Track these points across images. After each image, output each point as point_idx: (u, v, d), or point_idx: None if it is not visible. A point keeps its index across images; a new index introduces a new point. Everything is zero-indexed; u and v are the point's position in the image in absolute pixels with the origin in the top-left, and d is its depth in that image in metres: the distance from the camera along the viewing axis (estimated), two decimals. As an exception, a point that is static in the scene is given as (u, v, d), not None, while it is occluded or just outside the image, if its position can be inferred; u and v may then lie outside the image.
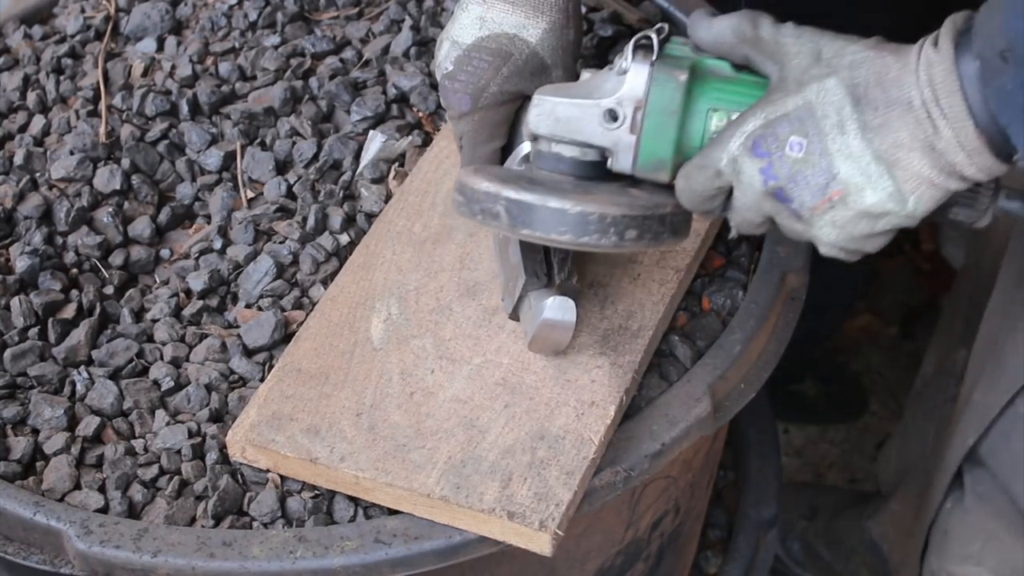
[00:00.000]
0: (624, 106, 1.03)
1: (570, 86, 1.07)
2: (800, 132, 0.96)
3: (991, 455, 1.33)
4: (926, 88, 0.92)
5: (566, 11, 1.17)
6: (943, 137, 0.92)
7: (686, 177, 1.02)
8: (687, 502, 1.38)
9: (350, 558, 1.04)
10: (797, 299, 1.27)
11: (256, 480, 1.10)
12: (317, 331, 1.16)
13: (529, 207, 1.01)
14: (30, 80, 1.44)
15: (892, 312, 2.41)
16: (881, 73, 0.94)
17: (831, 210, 0.97)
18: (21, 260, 1.24)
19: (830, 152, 0.96)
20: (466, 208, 1.05)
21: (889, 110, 0.94)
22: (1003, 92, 0.89)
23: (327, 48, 1.44)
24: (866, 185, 0.95)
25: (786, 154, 0.97)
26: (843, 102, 0.95)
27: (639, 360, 1.14)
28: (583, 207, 1.00)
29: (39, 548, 1.09)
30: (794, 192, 0.98)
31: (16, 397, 1.17)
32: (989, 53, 0.89)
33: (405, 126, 1.36)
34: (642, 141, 1.04)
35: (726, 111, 1.02)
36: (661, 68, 1.02)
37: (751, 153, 0.98)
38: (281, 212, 1.29)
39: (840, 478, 2.21)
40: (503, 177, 1.04)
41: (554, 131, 1.06)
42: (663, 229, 1.04)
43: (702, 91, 1.03)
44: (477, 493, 1.04)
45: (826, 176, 0.96)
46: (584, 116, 1.04)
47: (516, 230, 1.02)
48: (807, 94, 0.96)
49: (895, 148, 0.94)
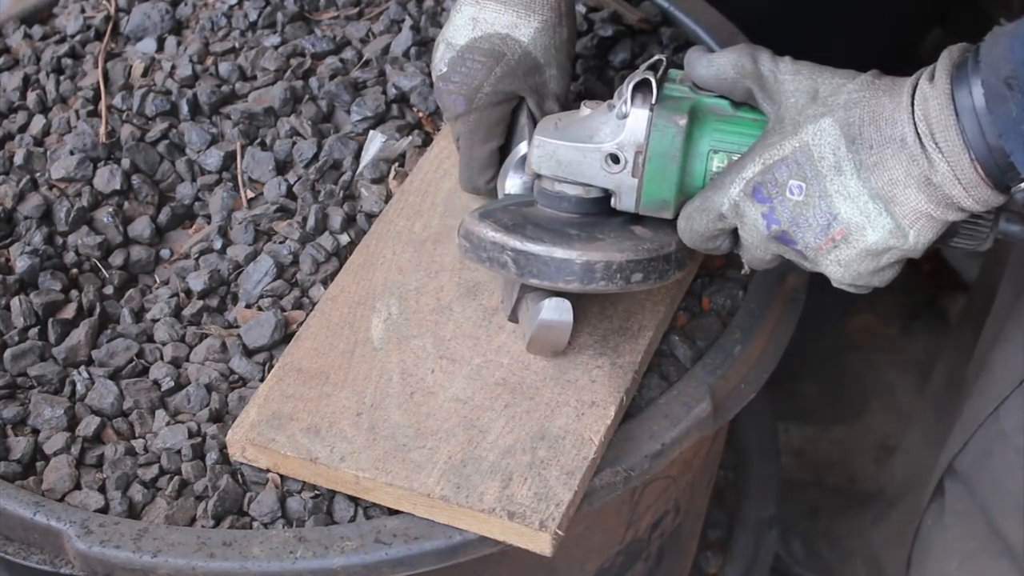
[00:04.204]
0: (625, 151, 1.04)
1: (570, 124, 1.08)
2: (799, 175, 0.97)
3: (972, 473, 1.32)
4: (921, 123, 0.93)
5: (558, 9, 1.17)
6: (939, 171, 0.93)
7: (687, 219, 1.04)
8: (687, 502, 1.38)
9: (350, 558, 1.04)
10: (797, 299, 1.27)
11: (256, 480, 1.10)
12: (317, 331, 1.16)
13: (536, 258, 1.04)
14: (30, 80, 1.44)
15: (892, 312, 2.41)
16: (876, 112, 0.95)
17: (835, 249, 0.98)
18: (21, 260, 1.24)
19: (829, 193, 0.96)
20: (473, 255, 1.07)
21: (883, 148, 0.94)
22: (1008, 118, 0.89)
23: (327, 48, 1.44)
24: (866, 224, 0.96)
25: (787, 198, 0.98)
26: (838, 142, 0.95)
27: (639, 360, 1.14)
28: (589, 256, 1.03)
29: (39, 548, 1.09)
30: (797, 235, 0.99)
31: (16, 397, 1.17)
32: (994, 80, 0.89)
33: (405, 126, 1.36)
34: (644, 184, 1.05)
35: (727, 152, 1.03)
36: (661, 113, 1.03)
37: (752, 199, 0.99)
38: (281, 212, 1.29)
39: (840, 478, 2.21)
40: (508, 225, 1.06)
41: (556, 172, 1.07)
42: (668, 267, 1.07)
43: (702, 132, 1.04)
44: (477, 493, 1.04)
45: (827, 217, 0.97)
46: (585, 160, 1.06)
47: (524, 279, 1.05)
48: (803, 135, 0.97)
49: (891, 185, 0.94)
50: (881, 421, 2.28)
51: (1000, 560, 1.30)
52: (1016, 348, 1.27)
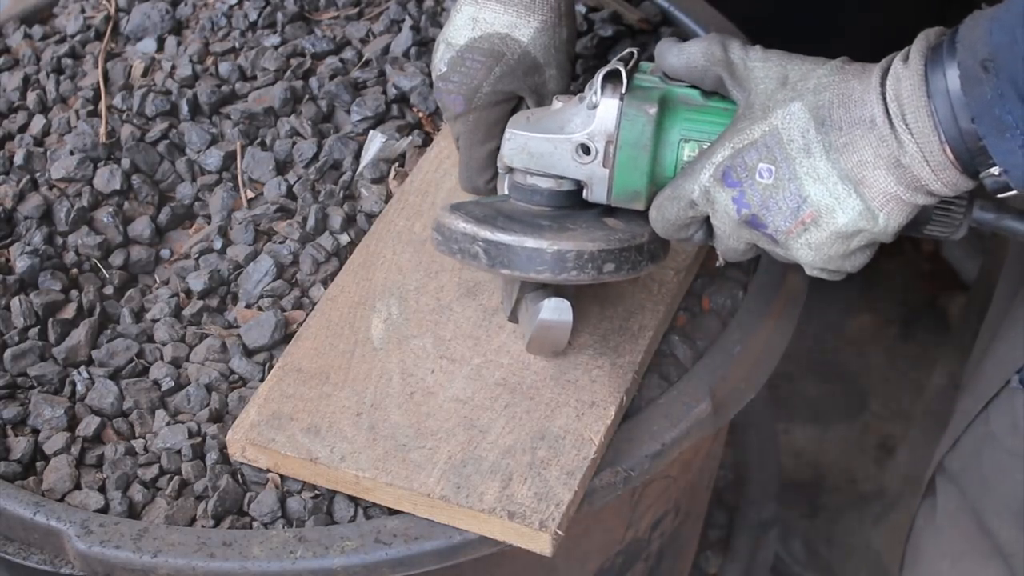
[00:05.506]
0: (596, 141, 1.04)
1: (542, 117, 1.08)
2: (768, 159, 0.97)
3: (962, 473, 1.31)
4: (892, 103, 0.93)
5: (558, 9, 1.17)
6: (908, 152, 0.93)
7: (659, 208, 1.04)
8: (687, 502, 1.38)
9: (350, 558, 1.04)
10: (797, 299, 1.27)
11: (256, 480, 1.10)
12: (317, 331, 1.17)
13: (507, 247, 1.03)
14: (30, 80, 1.44)
15: (892, 312, 2.42)
16: (845, 94, 0.95)
17: (805, 232, 0.98)
18: (21, 260, 1.24)
19: (798, 176, 0.96)
20: (445, 247, 1.07)
21: (852, 129, 0.94)
22: (983, 101, 0.89)
23: (327, 48, 1.44)
24: (835, 206, 0.96)
25: (756, 181, 0.98)
26: (807, 125, 0.96)
27: (639, 360, 1.14)
28: (560, 245, 1.02)
29: (39, 548, 1.09)
30: (767, 218, 0.99)
31: (16, 397, 1.17)
32: (971, 62, 0.90)
33: (405, 126, 1.36)
34: (615, 174, 1.05)
35: (697, 140, 1.03)
36: (631, 102, 1.03)
37: (723, 183, 0.99)
38: (281, 212, 1.29)
39: (840, 478, 2.21)
40: (480, 216, 1.06)
41: (528, 165, 1.07)
42: (641, 258, 1.06)
43: (673, 122, 1.04)
44: (477, 493, 1.04)
45: (796, 200, 0.97)
46: (556, 151, 1.06)
47: (495, 270, 1.05)
48: (773, 120, 0.97)
49: (860, 167, 0.95)
50: (881, 421, 2.28)
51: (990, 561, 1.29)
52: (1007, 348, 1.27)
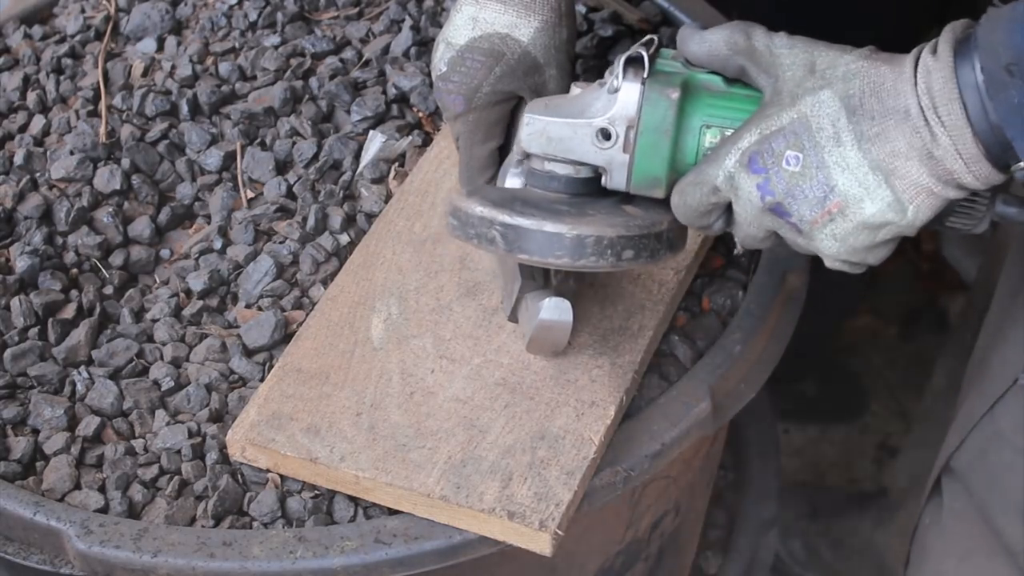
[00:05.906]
0: (616, 125, 1.02)
1: (561, 103, 1.06)
2: (796, 146, 0.96)
3: (969, 472, 1.31)
4: (924, 96, 0.92)
5: (558, 9, 1.17)
6: (941, 145, 0.92)
7: (681, 193, 1.02)
8: (687, 502, 1.38)
9: (350, 558, 1.04)
10: (797, 299, 1.27)
11: (256, 480, 1.10)
12: (317, 331, 1.17)
13: (525, 232, 1.01)
14: (30, 80, 1.44)
15: (892, 312, 2.42)
16: (876, 83, 0.94)
17: (831, 223, 0.97)
18: (21, 260, 1.24)
19: (827, 164, 0.95)
20: (461, 232, 1.04)
21: (885, 119, 0.93)
22: (1010, 105, 0.89)
23: (327, 48, 1.44)
24: (864, 196, 0.95)
25: (783, 168, 0.96)
26: (838, 113, 0.95)
27: (639, 360, 1.14)
28: (579, 231, 1.00)
29: (39, 548, 1.09)
30: (792, 206, 0.97)
31: (16, 397, 1.17)
32: (993, 66, 0.89)
33: (405, 126, 1.36)
34: (636, 160, 1.03)
35: (720, 127, 1.02)
36: (653, 86, 1.01)
37: (748, 169, 0.98)
38: (281, 212, 1.29)
39: (840, 478, 2.21)
40: (497, 201, 1.04)
41: (546, 150, 1.05)
42: (660, 246, 1.04)
43: (695, 108, 1.02)
44: (477, 493, 1.04)
45: (824, 189, 0.96)
46: (576, 136, 1.04)
47: (513, 255, 1.02)
48: (802, 107, 0.96)
49: (892, 157, 0.93)
50: (881, 421, 2.28)
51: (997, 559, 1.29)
52: (1012, 347, 1.27)
